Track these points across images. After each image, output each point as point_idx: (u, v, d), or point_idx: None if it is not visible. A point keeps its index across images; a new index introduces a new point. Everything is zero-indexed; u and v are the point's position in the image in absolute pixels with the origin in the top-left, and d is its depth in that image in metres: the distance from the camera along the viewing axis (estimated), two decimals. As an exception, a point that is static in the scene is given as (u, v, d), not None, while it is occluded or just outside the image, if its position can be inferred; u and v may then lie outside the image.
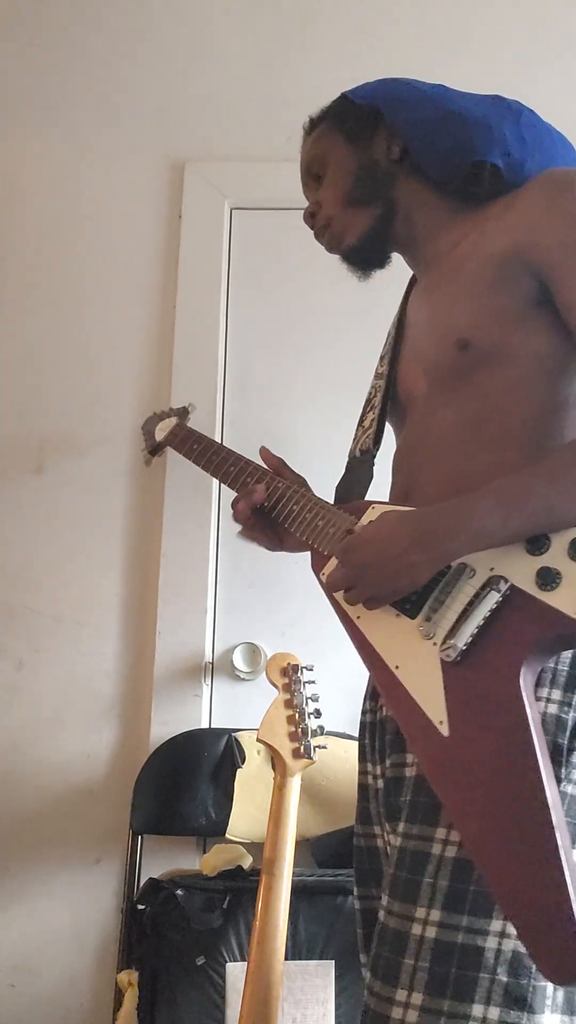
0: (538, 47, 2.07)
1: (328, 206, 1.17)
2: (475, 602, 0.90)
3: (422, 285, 1.17)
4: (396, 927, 0.87)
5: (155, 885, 1.52)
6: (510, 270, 1.00)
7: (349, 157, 1.15)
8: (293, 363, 1.93)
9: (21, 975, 1.66)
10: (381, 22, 2.11)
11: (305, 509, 1.14)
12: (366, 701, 1.13)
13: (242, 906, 1.47)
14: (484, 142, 1.09)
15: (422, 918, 0.85)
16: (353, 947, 1.45)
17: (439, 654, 0.91)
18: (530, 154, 1.10)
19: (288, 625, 1.78)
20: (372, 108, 1.15)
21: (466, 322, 1.02)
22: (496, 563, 0.91)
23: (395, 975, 0.85)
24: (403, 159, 1.14)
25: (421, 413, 1.09)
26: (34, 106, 2.11)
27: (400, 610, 0.96)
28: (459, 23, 2.10)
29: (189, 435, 1.37)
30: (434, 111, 1.11)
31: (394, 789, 0.97)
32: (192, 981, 1.43)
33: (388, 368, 1.18)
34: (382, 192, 1.14)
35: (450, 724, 0.88)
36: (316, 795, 1.59)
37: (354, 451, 1.20)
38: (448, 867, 0.86)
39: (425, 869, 0.87)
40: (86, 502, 1.88)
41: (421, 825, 0.90)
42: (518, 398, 1.00)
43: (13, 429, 1.92)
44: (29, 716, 1.77)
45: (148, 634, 1.79)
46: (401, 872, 0.89)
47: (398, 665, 0.95)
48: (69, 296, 1.99)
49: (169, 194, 2.04)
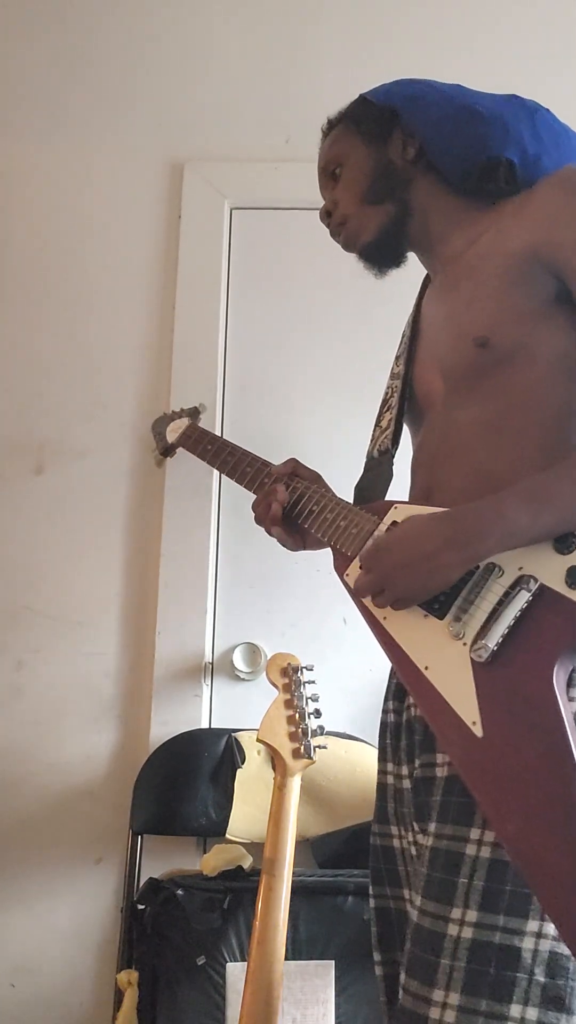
0: (540, 47, 2.07)
1: (344, 205, 1.19)
2: (505, 601, 0.91)
3: (437, 284, 1.17)
4: (431, 927, 0.87)
5: (155, 885, 1.52)
6: (528, 268, 1.00)
7: (365, 157, 1.17)
8: (293, 363, 1.93)
9: (21, 975, 1.66)
10: (382, 22, 2.11)
11: (326, 509, 1.14)
12: (389, 701, 1.12)
13: (242, 906, 1.47)
14: (499, 138, 1.10)
15: (458, 918, 0.85)
16: (353, 947, 1.46)
17: (470, 654, 0.91)
18: (546, 152, 1.11)
19: (288, 625, 1.78)
20: (389, 108, 1.16)
21: (485, 320, 1.02)
22: (524, 562, 0.91)
23: (432, 975, 0.85)
24: (419, 159, 1.15)
25: (439, 412, 1.09)
26: (34, 107, 2.11)
27: (428, 610, 0.96)
28: (460, 24, 2.10)
29: (202, 436, 1.37)
30: (450, 108, 1.13)
31: (424, 789, 0.97)
32: (192, 981, 1.43)
33: (404, 368, 1.18)
34: (398, 192, 1.16)
35: (483, 725, 0.88)
36: (316, 795, 1.59)
37: (372, 451, 1.20)
38: (484, 867, 0.86)
39: (460, 869, 0.87)
40: (86, 503, 1.88)
41: (455, 825, 0.90)
42: (538, 396, 1.00)
43: (13, 429, 1.92)
44: (29, 716, 1.77)
45: (148, 634, 1.79)
46: (435, 872, 0.89)
47: (427, 666, 0.95)
48: (69, 296, 1.99)
49: (169, 194, 2.04)
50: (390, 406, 1.19)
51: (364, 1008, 1.44)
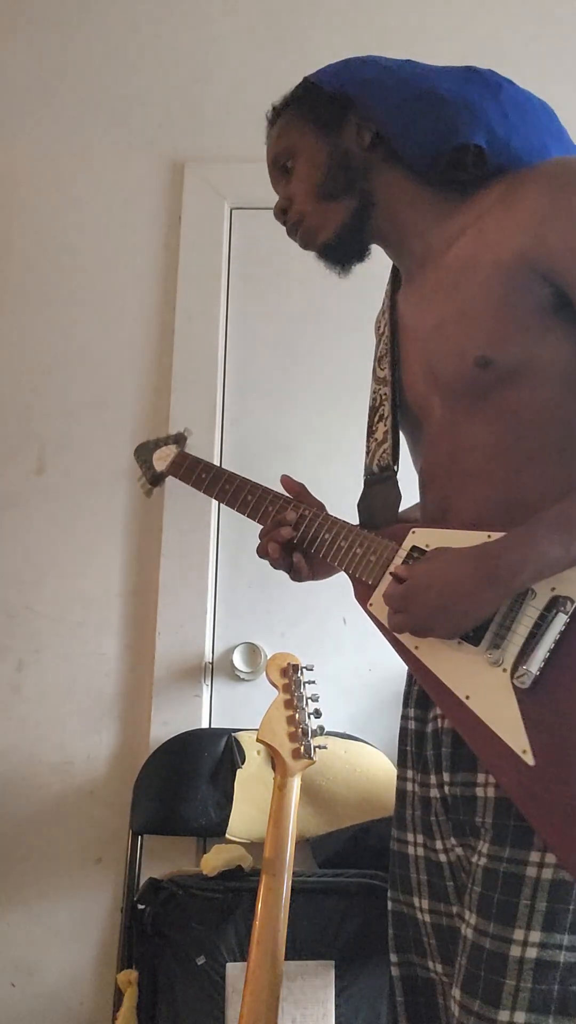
0: (540, 48, 2.07)
1: (299, 201, 1.12)
2: (542, 625, 0.89)
3: (416, 284, 1.11)
4: (493, 948, 0.86)
5: (155, 885, 1.52)
6: (522, 278, 0.95)
7: (318, 148, 1.09)
8: (293, 363, 1.93)
9: (22, 974, 1.66)
10: (381, 23, 2.11)
11: (340, 537, 1.10)
12: (410, 707, 1.10)
13: (242, 906, 1.47)
14: (465, 123, 1.02)
15: (521, 940, 0.85)
16: (353, 947, 1.46)
17: (512, 681, 0.90)
18: (515, 130, 1.03)
19: (288, 625, 1.78)
20: (340, 94, 1.08)
21: (485, 339, 0.97)
22: (557, 583, 0.90)
23: (497, 996, 0.85)
24: (377, 146, 1.07)
25: (443, 427, 1.05)
26: (34, 106, 2.11)
27: (463, 637, 0.94)
28: (461, 25, 2.10)
29: (195, 464, 1.29)
30: (408, 92, 1.04)
31: (464, 807, 0.96)
32: (192, 981, 1.43)
33: (390, 373, 1.13)
34: (356, 184, 1.08)
35: (534, 752, 0.87)
36: (316, 795, 1.59)
37: (371, 466, 1.14)
38: (545, 889, 0.86)
39: (521, 891, 0.86)
40: (86, 502, 1.88)
41: (513, 848, 0.89)
42: (549, 415, 0.96)
43: (14, 429, 1.92)
44: (29, 716, 1.77)
45: (148, 634, 1.79)
46: (492, 893, 0.88)
47: (468, 695, 0.93)
48: (69, 296, 2.00)
49: (169, 194, 2.04)
50: (382, 415, 1.14)
51: (364, 1008, 1.44)
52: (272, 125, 1.17)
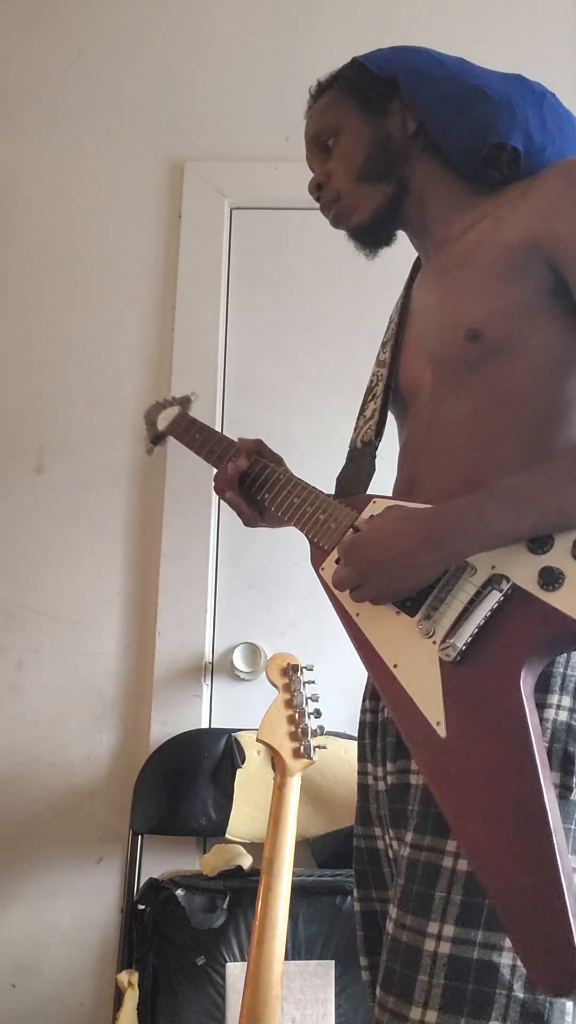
0: (539, 49, 2.07)
1: (337, 180, 1.12)
2: (476, 601, 0.89)
3: (429, 269, 1.13)
4: (409, 942, 0.84)
5: (155, 885, 1.52)
6: (526, 261, 0.97)
7: (362, 129, 1.10)
8: (293, 363, 1.93)
9: (22, 974, 1.66)
10: (381, 22, 2.11)
11: (306, 502, 1.11)
12: (366, 700, 1.11)
13: (242, 906, 1.47)
14: (506, 123, 1.05)
15: (435, 933, 0.83)
16: (353, 947, 1.45)
17: (438, 653, 0.89)
18: (551, 140, 1.06)
19: (288, 625, 1.78)
20: (389, 78, 1.09)
21: (478, 312, 0.98)
22: (497, 561, 0.89)
23: (409, 992, 0.82)
24: (418, 135, 1.09)
25: (426, 404, 1.06)
26: (34, 106, 2.11)
27: (400, 607, 0.95)
28: (460, 25, 2.10)
29: (191, 425, 1.33)
30: (455, 86, 1.06)
31: (399, 796, 0.95)
32: (192, 981, 1.43)
33: (390, 356, 1.14)
34: (395, 169, 1.09)
35: (447, 725, 0.86)
36: (316, 795, 1.59)
37: (355, 441, 1.16)
38: (461, 881, 0.84)
39: (437, 883, 0.85)
40: (86, 502, 1.88)
41: (432, 836, 0.88)
42: (527, 395, 0.97)
43: (13, 429, 1.92)
44: (29, 716, 1.77)
45: (148, 634, 1.79)
46: (412, 885, 0.87)
47: (396, 664, 0.93)
48: (69, 296, 2.00)
49: (169, 194, 2.04)
50: (375, 395, 1.15)
51: (364, 1008, 1.44)
52: (315, 100, 1.17)
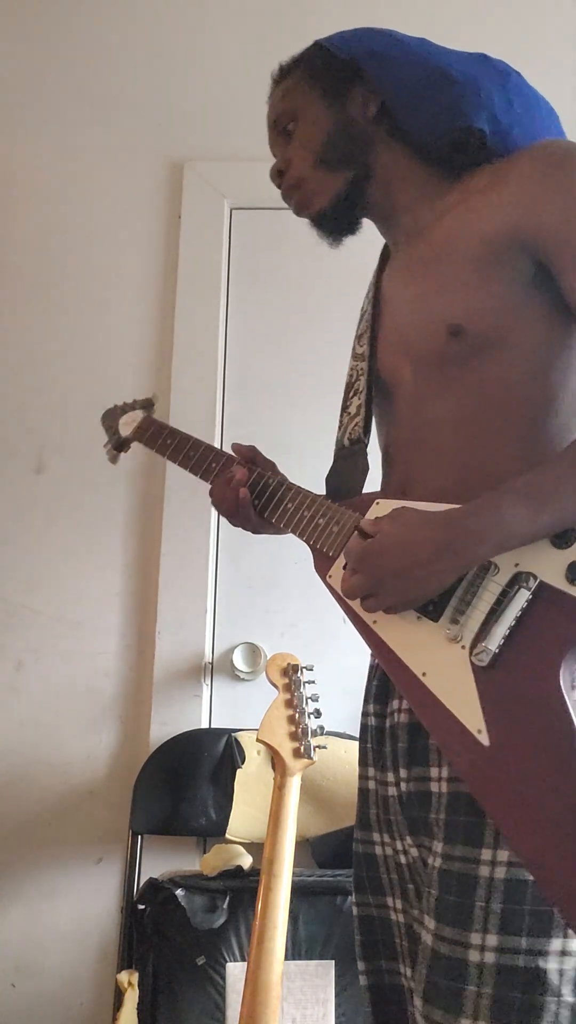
0: (538, 48, 2.07)
1: (298, 165, 1.09)
2: (503, 601, 0.86)
3: (400, 258, 1.10)
4: (451, 954, 0.83)
5: (155, 885, 1.52)
6: (506, 251, 0.94)
7: (323, 114, 1.07)
8: (293, 363, 1.93)
9: (22, 975, 1.66)
10: (380, 22, 2.11)
11: (303, 507, 1.07)
12: (369, 703, 1.08)
13: (242, 906, 1.47)
14: (472, 105, 1.02)
15: (478, 944, 0.82)
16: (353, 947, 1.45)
17: (470, 658, 0.87)
18: (517, 120, 1.03)
19: (288, 625, 1.78)
20: (351, 62, 1.07)
21: (460, 307, 0.96)
22: (520, 559, 0.87)
23: (458, 1003, 0.81)
24: (381, 119, 1.06)
25: (410, 400, 1.03)
26: (34, 106, 2.11)
27: (422, 612, 0.91)
28: (459, 24, 2.10)
29: (160, 429, 1.24)
30: (419, 69, 1.04)
31: (419, 804, 0.93)
32: (192, 981, 1.43)
33: (368, 349, 1.11)
34: (358, 154, 1.07)
35: (489, 732, 0.83)
36: (316, 795, 1.59)
37: (342, 440, 1.12)
38: (500, 889, 0.83)
39: (475, 893, 0.83)
40: (86, 502, 1.88)
41: (464, 846, 0.86)
42: (515, 390, 0.95)
43: (14, 429, 1.92)
44: (29, 716, 1.77)
45: (148, 634, 1.79)
46: (447, 896, 0.85)
47: (425, 672, 0.90)
48: (69, 296, 2.00)
49: (169, 194, 2.04)
50: (357, 390, 1.12)
51: (364, 1009, 1.44)
52: (277, 85, 1.15)
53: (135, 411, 1.34)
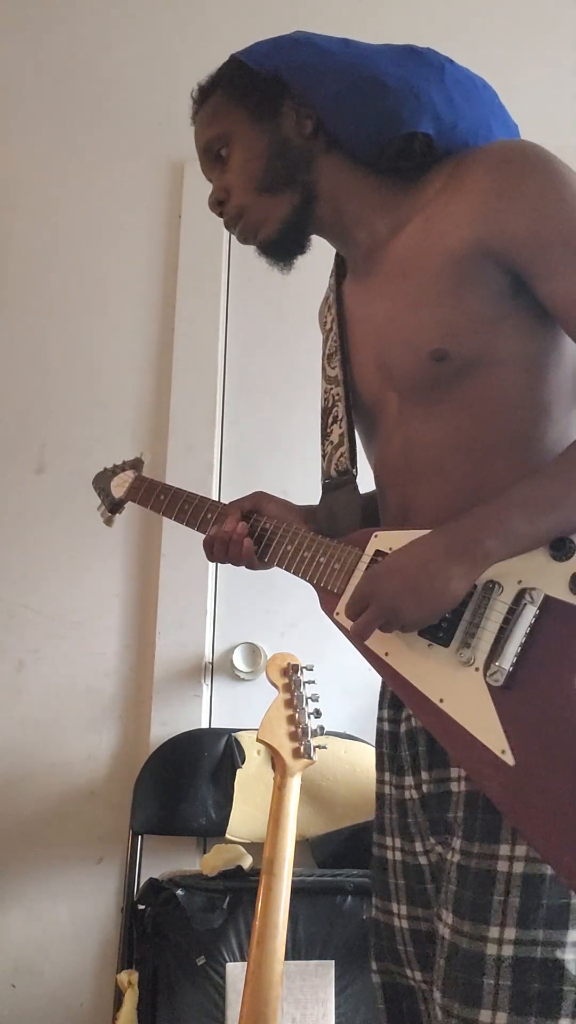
0: (536, 46, 2.07)
1: (238, 194, 1.04)
2: (511, 619, 0.87)
3: (362, 275, 1.06)
4: (469, 948, 0.84)
5: (155, 885, 1.52)
6: (475, 266, 0.92)
7: (255, 136, 1.02)
8: (293, 363, 1.93)
9: (22, 975, 1.66)
10: (381, 23, 2.11)
11: (302, 548, 1.05)
12: (384, 709, 1.07)
13: (242, 906, 1.47)
14: (411, 110, 0.97)
15: (496, 937, 0.83)
16: (353, 947, 1.46)
17: (485, 680, 0.87)
18: (461, 115, 0.99)
19: (288, 625, 1.78)
20: (274, 77, 1.01)
21: (440, 331, 0.94)
22: (523, 575, 0.88)
23: (477, 996, 0.83)
24: (318, 134, 1.01)
25: (398, 424, 1.01)
26: (34, 106, 2.11)
27: (432, 639, 0.91)
28: (458, 24, 2.10)
29: (152, 487, 1.24)
30: (348, 79, 0.98)
31: (439, 804, 0.94)
32: (192, 981, 1.43)
33: (341, 371, 1.08)
34: (299, 175, 1.01)
35: (514, 752, 0.84)
36: (316, 795, 1.59)
37: (328, 471, 1.10)
38: (518, 884, 0.84)
39: (494, 887, 0.84)
40: (87, 502, 1.86)
41: (482, 843, 0.87)
42: (506, 406, 0.94)
43: (14, 429, 1.92)
44: (29, 716, 1.77)
45: (148, 634, 1.79)
46: (465, 891, 0.86)
47: (443, 698, 0.90)
48: (69, 296, 2.00)
49: (169, 194, 2.04)
50: (336, 417, 1.09)
51: (364, 1008, 1.44)
52: (199, 106, 1.09)
53: (125, 472, 1.34)
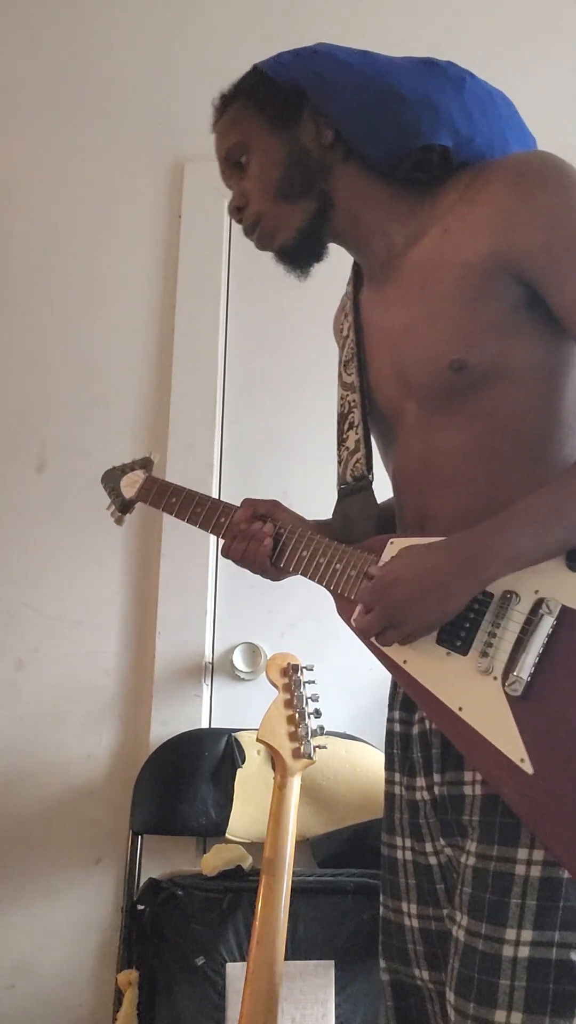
0: (537, 47, 2.07)
1: (256, 201, 1.07)
2: (528, 629, 0.88)
3: (380, 284, 1.08)
4: (486, 949, 0.86)
5: (155, 885, 1.52)
6: (491, 278, 0.94)
7: (274, 145, 1.04)
8: (293, 363, 1.93)
9: (21, 975, 1.66)
10: (381, 22, 2.11)
11: (318, 554, 1.07)
12: (395, 710, 1.08)
13: (242, 906, 1.47)
14: (430, 123, 0.98)
15: (513, 939, 0.84)
16: (353, 947, 1.46)
17: (504, 689, 0.88)
18: (478, 130, 1.00)
19: (288, 625, 1.78)
20: (294, 87, 1.03)
21: (458, 342, 0.95)
22: (540, 585, 0.89)
23: (492, 996, 0.84)
24: (336, 144, 1.03)
25: (416, 432, 1.03)
26: (34, 106, 2.11)
27: (450, 648, 0.93)
28: (459, 24, 2.10)
29: (164, 488, 1.24)
30: (368, 92, 1.00)
31: (453, 807, 0.95)
32: (192, 981, 1.43)
33: (358, 378, 1.10)
34: (317, 183, 1.03)
35: (532, 760, 0.85)
36: (316, 795, 1.59)
37: (344, 477, 1.12)
38: (535, 886, 0.85)
39: (511, 890, 0.86)
40: (87, 502, 1.87)
41: (500, 846, 0.88)
42: (524, 415, 0.96)
43: (14, 428, 1.92)
44: (29, 716, 1.77)
45: (148, 634, 1.79)
46: (482, 894, 0.87)
47: (461, 707, 0.91)
48: (70, 296, 2.00)
49: (169, 194, 2.04)
50: (352, 423, 1.10)
51: (364, 1008, 1.44)
52: (220, 114, 1.12)
53: (135, 471, 1.34)
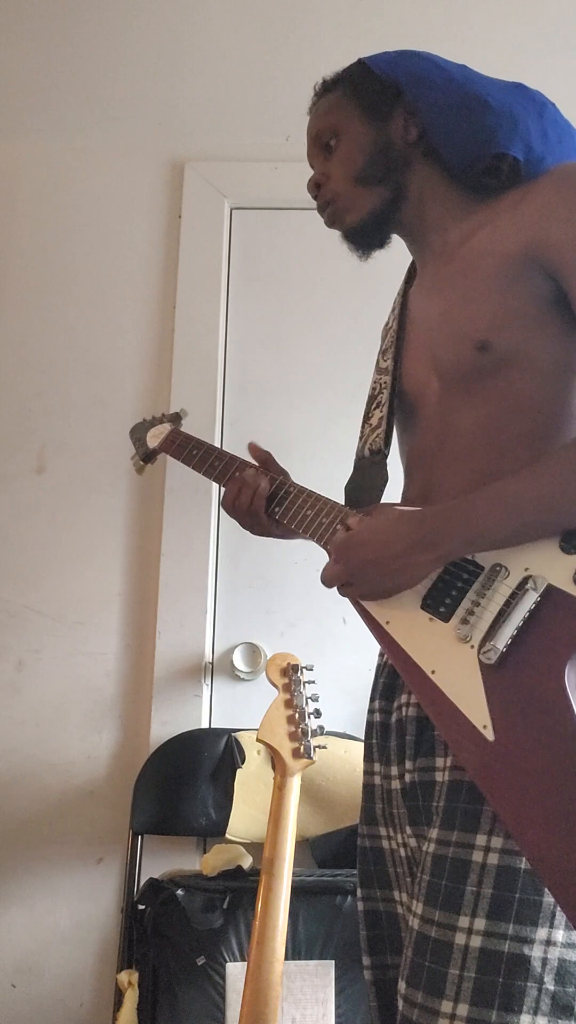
0: (538, 46, 2.07)
1: (336, 181, 1.13)
2: (512, 603, 0.90)
3: (427, 276, 1.14)
4: (438, 936, 0.85)
5: (155, 885, 1.52)
6: (524, 269, 0.98)
7: (364, 133, 1.11)
8: (293, 363, 1.93)
9: (22, 975, 1.66)
10: (381, 22, 2.11)
11: (320, 514, 1.11)
12: (375, 700, 1.11)
13: (242, 906, 1.47)
14: (507, 133, 1.06)
15: (466, 927, 0.84)
16: (353, 947, 1.45)
17: (478, 657, 0.90)
18: (550, 151, 1.07)
19: (288, 625, 1.78)
20: (392, 83, 1.10)
21: (485, 324, 1.00)
22: (530, 562, 0.91)
23: (440, 986, 0.83)
24: (419, 142, 1.10)
25: (436, 412, 1.07)
26: (34, 106, 2.11)
27: (433, 614, 0.95)
28: (460, 23, 2.10)
29: (187, 441, 1.28)
30: (457, 95, 1.07)
31: (423, 793, 0.95)
32: (192, 981, 1.43)
33: (392, 363, 1.15)
34: (394, 174, 1.10)
35: (495, 728, 0.87)
36: (316, 795, 1.59)
37: (362, 451, 1.17)
38: (492, 875, 0.85)
39: (467, 877, 0.85)
40: (87, 502, 1.88)
41: (460, 832, 0.88)
42: (537, 401, 0.99)
43: (14, 429, 1.92)
44: (29, 716, 1.77)
45: (148, 634, 1.79)
46: (439, 880, 0.87)
47: (434, 670, 0.93)
48: (70, 296, 2.00)
49: (169, 194, 2.04)
50: (379, 403, 1.16)
51: (363, 1008, 1.44)
52: (319, 99, 1.17)
53: (163, 424, 1.38)
